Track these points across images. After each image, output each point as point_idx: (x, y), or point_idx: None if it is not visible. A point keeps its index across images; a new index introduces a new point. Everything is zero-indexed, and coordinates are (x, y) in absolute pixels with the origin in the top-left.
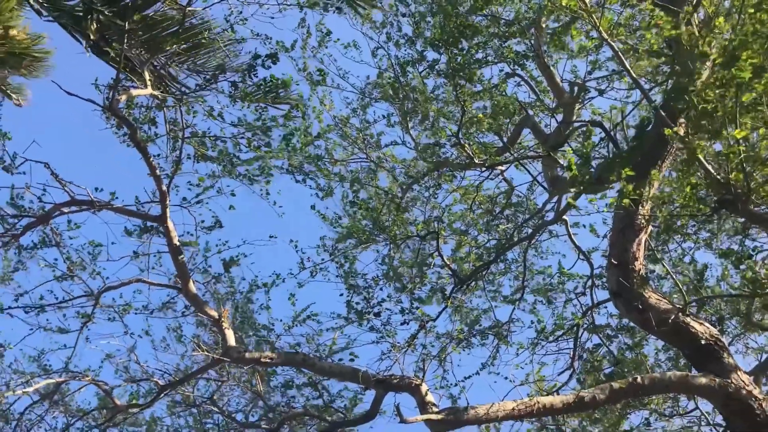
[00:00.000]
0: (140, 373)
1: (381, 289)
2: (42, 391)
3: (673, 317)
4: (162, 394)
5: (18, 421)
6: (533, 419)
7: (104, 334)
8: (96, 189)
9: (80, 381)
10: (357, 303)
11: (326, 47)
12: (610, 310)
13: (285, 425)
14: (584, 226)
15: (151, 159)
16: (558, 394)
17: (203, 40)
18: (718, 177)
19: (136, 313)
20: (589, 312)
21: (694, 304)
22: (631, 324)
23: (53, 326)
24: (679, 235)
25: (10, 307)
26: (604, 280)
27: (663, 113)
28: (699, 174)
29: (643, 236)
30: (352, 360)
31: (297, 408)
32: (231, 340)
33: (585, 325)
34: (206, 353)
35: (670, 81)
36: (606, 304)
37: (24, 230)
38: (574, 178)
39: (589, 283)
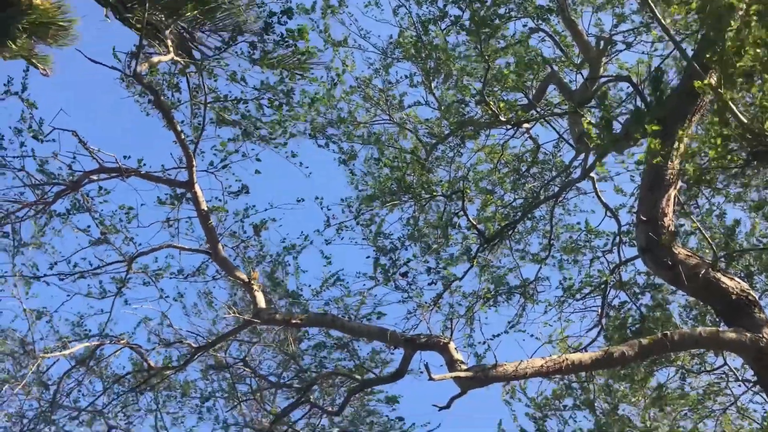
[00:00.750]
0: (173, 336)
1: (406, 249)
2: (78, 356)
3: (703, 272)
4: (195, 356)
5: (57, 386)
6: (561, 377)
7: (139, 299)
8: (124, 157)
9: (115, 345)
10: (383, 264)
11: (347, 6)
12: (637, 267)
13: (316, 385)
14: (612, 179)
15: (176, 124)
16: (586, 351)
17: (223, 3)
18: (752, 128)
19: (170, 277)
20: (617, 269)
21: (723, 258)
22: (659, 282)
23: (93, 291)
24: (709, 189)
25: (45, 275)
26: (632, 236)
27: (695, 64)
28: (731, 125)
29: (672, 192)
30: (379, 319)
31: (328, 368)
32: (261, 302)
33: (612, 283)
34: (237, 315)
35: (701, 32)
36: (634, 261)
37: (55, 197)
38: (596, 145)
39: (617, 240)
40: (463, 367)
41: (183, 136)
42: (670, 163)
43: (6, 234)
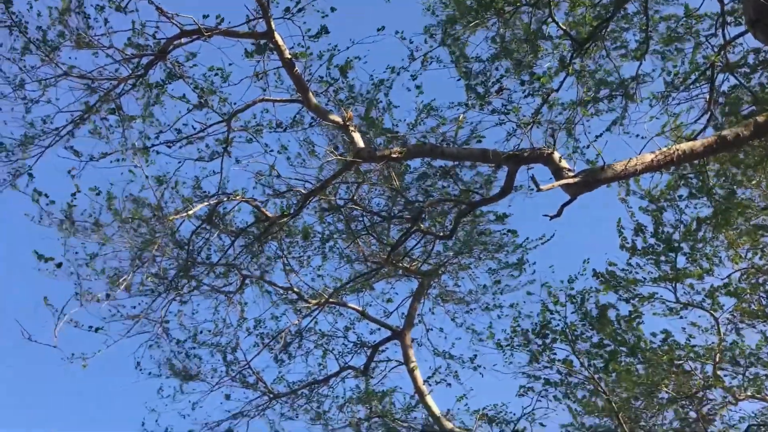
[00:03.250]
0: (284, 186)
1: (497, 68)
2: (202, 215)
3: None
4: (307, 201)
5: (188, 245)
6: (673, 168)
7: (245, 155)
8: (203, 17)
9: (233, 201)
10: (475, 84)
11: None
12: (747, 44)
13: (425, 214)
14: None
15: None
16: (697, 139)
17: None
18: None
19: (270, 131)
20: (723, 50)
21: None
22: None
23: (202, 154)
24: None
25: (153, 145)
26: (737, 15)
27: None
28: None
29: None
30: (479, 142)
31: (434, 197)
32: (360, 142)
33: (720, 66)
34: (339, 157)
35: None
36: (741, 39)
37: (146, 68)
38: None
39: (721, 20)
40: (570, 174)
41: None
42: None
43: (112, 110)
